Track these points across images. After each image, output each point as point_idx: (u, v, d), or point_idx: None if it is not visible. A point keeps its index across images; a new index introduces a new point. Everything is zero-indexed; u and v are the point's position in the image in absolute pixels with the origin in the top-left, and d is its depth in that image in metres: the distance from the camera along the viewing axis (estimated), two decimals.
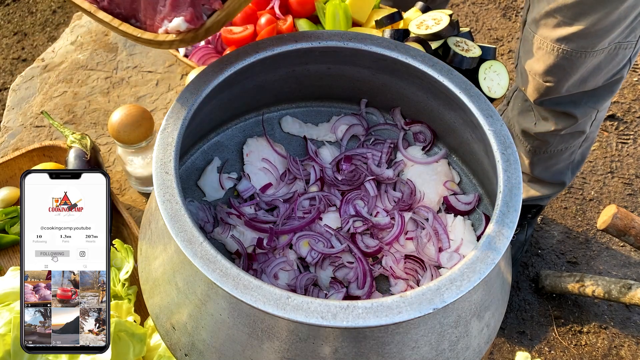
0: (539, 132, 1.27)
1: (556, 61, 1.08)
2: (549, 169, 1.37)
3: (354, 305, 0.49)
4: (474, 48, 0.98)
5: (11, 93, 1.16)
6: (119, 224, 0.92)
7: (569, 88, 1.13)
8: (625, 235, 1.32)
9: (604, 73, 1.12)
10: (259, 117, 0.82)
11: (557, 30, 1.05)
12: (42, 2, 2.41)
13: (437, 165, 0.78)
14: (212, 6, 0.61)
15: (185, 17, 0.59)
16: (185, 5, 0.60)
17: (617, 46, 1.07)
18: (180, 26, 0.60)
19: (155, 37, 0.61)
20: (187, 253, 0.51)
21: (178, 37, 0.60)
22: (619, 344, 1.51)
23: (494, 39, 2.23)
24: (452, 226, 0.74)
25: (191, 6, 0.59)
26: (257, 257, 0.72)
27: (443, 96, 0.70)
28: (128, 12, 0.63)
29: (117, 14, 0.63)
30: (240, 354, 0.54)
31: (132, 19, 0.63)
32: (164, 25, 0.60)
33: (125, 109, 0.88)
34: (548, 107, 1.20)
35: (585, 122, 1.24)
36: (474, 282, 0.51)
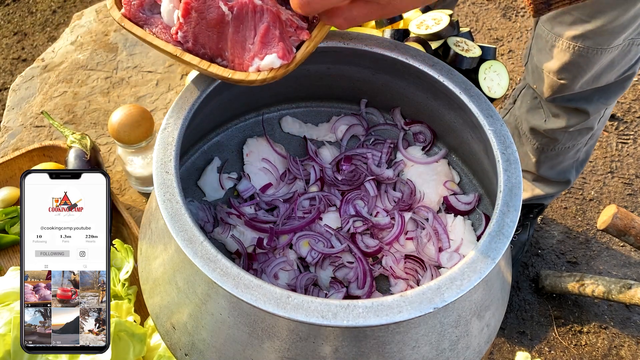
0: (549, 129, 1.27)
1: (572, 59, 1.08)
2: (555, 167, 1.38)
3: (355, 305, 0.49)
4: (474, 48, 0.98)
5: (11, 93, 1.16)
6: (119, 224, 0.92)
7: (583, 85, 1.14)
8: (625, 235, 1.32)
9: (617, 69, 1.12)
10: (259, 117, 0.82)
11: (573, 27, 1.05)
12: (42, 2, 2.41)
13: (437, 165, 0.78)
14: (300, 37, 0.60)
15: (278, 53, 0.58)
16: (275, 40, 0.58)
17: (630, 42, 1.07)
18: (274, 63, 0.58)
19: (247, 76, 0.59)
20: (188, 252, 0.51)
21: (270, 75, 0.59)
22: (619, 344, 1.51)
23: (494, 39, 2.23)
24: (452, 226, 0.74)
25: (281, 41, 0.58)
26: (257, 257, 0.72)
27: (443, 96, 0.70)
28: (214, 52, 0.61)
29: (203, 54, 0.61)
30: (240, 353, 0.54)
31: (218, 58, 0.61)
32: (254, 63, 0.59)
33: (125, 109, 0.88)
34: (560, 103, 1.20)
35: (595, 118, 1.25)
36: (474, 281, 0.51)
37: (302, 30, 0.60)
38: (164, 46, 0.61)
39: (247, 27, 0.59)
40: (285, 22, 0.59)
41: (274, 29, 0.58)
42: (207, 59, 0.61)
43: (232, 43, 0.60)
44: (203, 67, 0.60)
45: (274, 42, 0.58)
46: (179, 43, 0.61)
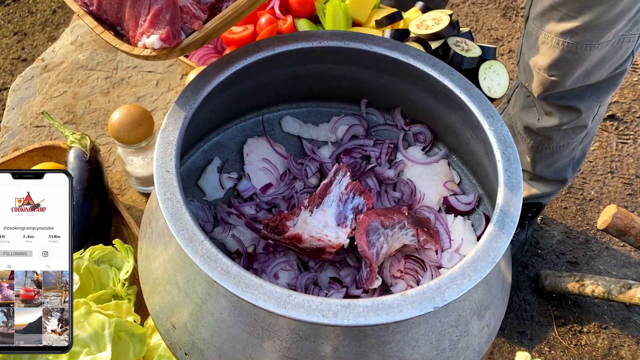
0: (542, 127, 1.27)
1: (561, 55, 1.08)
2: (551, 165, 1.38)
3: (355, 304, 0.49)
4: (474, 48, 0.98)
5: (11, 93, 1.16)
6: (119, 224, 0.92)
7: (573, 81, 1.14)
8: (625, 235, 1.32)
9: (608, 66, 1.12)
10: (259, 117, 0.82)
11: (562, 24, 1.05)
12: (42, 2, 2.41)
13: (437, 166, 0.79)
14: (192, 26, 0.63)
15: (161, 35, 0.61)
16: (163, 23, 0.61)
17: (620, 39, 1.07)
18: (155, 44, 0.61)
19: (132, 50, 0.63)
20: (188, 251, 0.51)
21: (153, 53, 0.62)
22: (619, 344, 1.51)
23: (494, 39, 2.23)
24: (453, 226, 0.74)
25: (169, 25, 0.61)
26: (257, 257, 0.72)
27: (443, 96, 0.70)
28: (114, 20, 0.65)
29: (105, 20, 0.65)
30: (240, 352, 0.54)
31: (118, 26, 0.65)
32: (142, 39, 0.62)
33: (125, 109, 0.88)
34: (552, 101, 1.21)
35: (588, 116, 1.25)
36: (474, 281, 0.51)
37: (196, 19, 0.63)
38: (71, 4, 0.65)
39: (143, 4, 0.62)
40: (182, 8, 0.62)
41: (165, 13, 0.61)
42: (109, 25, 0.65)
43: (128, 16, 0.63)
44: (97, 32, 0.64)
45: (162, 25, 0.61)
46: (85, 5, 0.65)
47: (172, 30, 0.61)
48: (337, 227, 0.68)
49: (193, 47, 0.63)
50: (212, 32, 0.63)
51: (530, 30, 1.13)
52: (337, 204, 0.70)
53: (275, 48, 0.69)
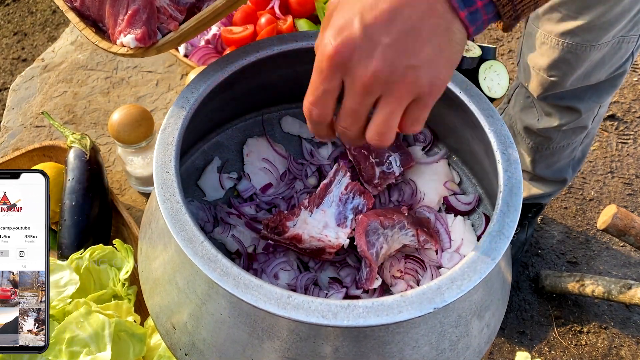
0: (542, 128, 1.27)
1: (561, 55, 1.08)
2: (551, 166, 1.38)
3: (355, 305, 0.49)
4: (474, 48, 0.98)
5: (11, 93, 1.16)
6: (119, 224, 0.92)
7: (573, 82, 1.14)
8: (625, 235, 1.32)
9: (608, 67, 1.12)
10: (259, 117, 0.82)
11: (561, 24, 1.05)
12: (42, 2, 2.41)
13: (437, 166, 0.78)
14: (169, 27, 0.65)
15: (137, 35, 0.63)
16: (140, 23, 0.63)
17: (620, 40, 1.07)
18: (130, 43, 0.63)
19: (109, 47, 0.65)
20: (188, 252, 0.51)
21: (129, 52, 0.64)
22: (619, 344, 1.51)
23: (494, 39, 2.23)
24: (453, 226, 0.74)
25: (145, 25, 0.63)
26: (257, 257, 0.72)
27: (443, 96, 0.70)
28: (96, 17, 0.67)
29: (87, 16, 0.68)
30: (240, 353, 0.54)
31: (100, 23, 0.68)
32: (120, 37, 0.64)
33: (125, 109, 0.88)
34: (551, 102, 1.21)
35: (588, 116, 1.25)
36: (474, 281, 0.51)
37: (173, 20, 0.65)
38: (57, 0, 0.67)
39: (122, 4, 0.64)
40: (159, 9, 0.64)
41: (142, 13, 0.63)
42: (91, 22, 0.68)
43: (108, 14, 0.65)
44: (79, 28, 0.66)
45: (138, 24, 0.63)
46: (69, 0, 0.67)
47: (147, 31, 0.63)
48: (337, 227, 0.68)
49: (169, 47, 0.65)
50: (188, 32, 0.64)
51: (530, 30, 1.13)
52: (337, 204, 0.70)
53: (276, 48, 0.69)
